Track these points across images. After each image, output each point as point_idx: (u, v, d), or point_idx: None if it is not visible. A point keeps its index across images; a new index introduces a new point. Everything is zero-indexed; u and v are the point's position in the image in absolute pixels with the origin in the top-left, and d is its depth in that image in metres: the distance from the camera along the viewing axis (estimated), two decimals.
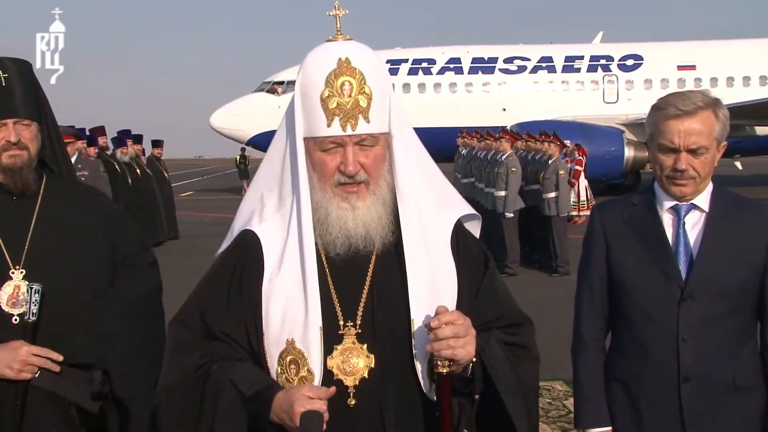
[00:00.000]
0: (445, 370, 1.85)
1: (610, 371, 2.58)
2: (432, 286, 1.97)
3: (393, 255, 1.99)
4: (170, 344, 2.06)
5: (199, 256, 12.60)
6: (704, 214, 2.46)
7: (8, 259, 2.44)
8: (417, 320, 1.92)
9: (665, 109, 2.40)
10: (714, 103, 2.40)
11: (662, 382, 2.44)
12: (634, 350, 2.50)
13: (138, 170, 15.39)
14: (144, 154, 17.14)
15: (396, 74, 26.63)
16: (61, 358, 2.39)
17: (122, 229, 2.69)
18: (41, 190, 2.55)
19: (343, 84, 1.92)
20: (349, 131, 1.92)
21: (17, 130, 2.45)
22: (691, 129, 2.36)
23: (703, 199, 2.47)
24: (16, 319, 2.39)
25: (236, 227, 2.09)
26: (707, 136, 2.37)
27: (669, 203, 2.48)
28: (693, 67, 27.29)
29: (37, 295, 2.37)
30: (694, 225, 2.47)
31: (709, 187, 2.49)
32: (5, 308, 2.40)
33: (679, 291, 2.42)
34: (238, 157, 33.03)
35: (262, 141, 27.17)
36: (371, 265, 2.00)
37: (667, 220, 2.49)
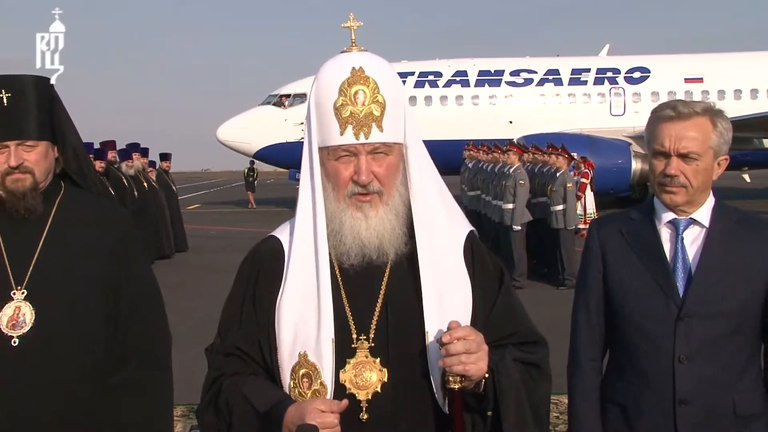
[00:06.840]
0: (456, 386, 1.83)
1: (607, 394, 2.49)
2: (446, 299, 1.96)
3: (407, 267, 1.98)
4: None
5: (206, 272, 12.63)
6: (704, 230, 2.37)
7: (12, 279, 2.35)
8: (431, 333, 1.91)
9: (660, 112, 2.34)
10: (713, 112, 2.32)
11: (659, 405, 2.34)
12: (631, 372, 2.40)
13: (144, 183, 15.58)
14: (154, 167, 17.33)
15: None
16: None
17: (132, 258, 2.56)
18: (53, 210, 2.45)
19: (356, 93, 1.93)
20: (362, 139, 1.92)
21: (18, 153, 2.33)
22: (682, 133, 2.28)
23: (703, 214, 2.38)
24: (15, 341, 2.30)
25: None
26: (700, 142, 2.29)
27: (667, 217, 2.39)
28: (700, 80, 27.21)
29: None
30: (693, 241, 2.37)
31: (710, 201, 2.40)
32: (5, 330, 2.31)
33: (676, 309, 2.32)
34: (246, 170, 33.04)
35: (269, 154, 27.20)
36: (385, 278, 1.99)
37: (665, 235, 2.40)
